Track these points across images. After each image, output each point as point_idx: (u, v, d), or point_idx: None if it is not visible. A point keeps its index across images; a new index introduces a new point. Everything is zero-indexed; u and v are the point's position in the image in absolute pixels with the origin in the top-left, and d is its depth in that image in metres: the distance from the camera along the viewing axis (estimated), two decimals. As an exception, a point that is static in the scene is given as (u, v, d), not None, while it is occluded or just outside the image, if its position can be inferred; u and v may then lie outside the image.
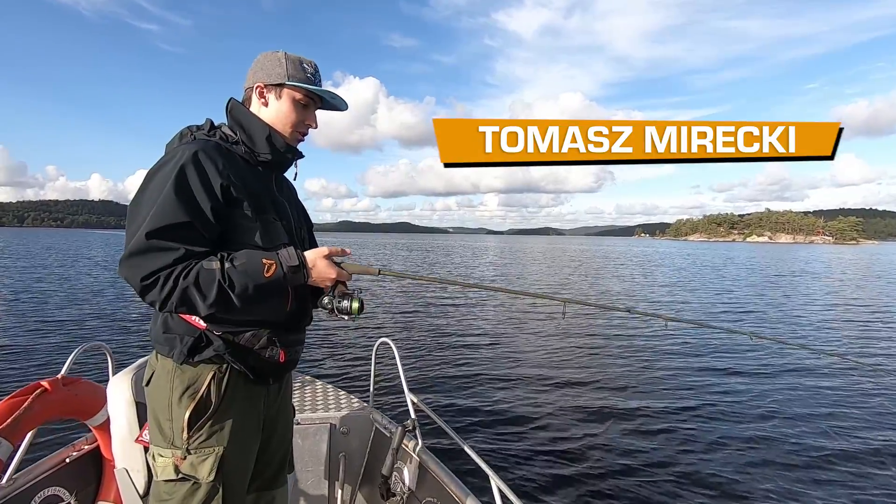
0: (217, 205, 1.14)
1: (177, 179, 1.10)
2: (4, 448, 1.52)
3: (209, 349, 1.17)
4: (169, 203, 1.08)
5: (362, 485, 2.41)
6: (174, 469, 1.17)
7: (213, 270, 1.08)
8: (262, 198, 1.27)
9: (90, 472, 1.97)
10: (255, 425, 1.30)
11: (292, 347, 1.34)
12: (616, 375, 6.56)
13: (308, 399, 2.59)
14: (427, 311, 11.79)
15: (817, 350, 8.61)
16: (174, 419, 1.17)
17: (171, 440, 1.18)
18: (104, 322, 9.24)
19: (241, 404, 1.25)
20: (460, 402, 5.41)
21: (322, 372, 6.36)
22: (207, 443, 1.18)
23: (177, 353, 1.16)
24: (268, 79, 1.29)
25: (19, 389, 1.66)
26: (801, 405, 5.39)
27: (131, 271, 1.06)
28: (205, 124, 1.31)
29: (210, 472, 1.17)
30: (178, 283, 1.06)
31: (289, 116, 1.31)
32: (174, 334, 1.19)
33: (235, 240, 1.19)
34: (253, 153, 1.30)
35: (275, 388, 1.38)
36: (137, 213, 1.10)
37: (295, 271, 1.19)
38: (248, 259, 1.13)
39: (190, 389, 1.18)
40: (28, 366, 6.16)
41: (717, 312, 12.56)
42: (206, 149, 1.18)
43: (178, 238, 1.08)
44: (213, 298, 1.08)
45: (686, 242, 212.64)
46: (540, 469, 3.92)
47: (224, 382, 1.20)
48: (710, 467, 3.92)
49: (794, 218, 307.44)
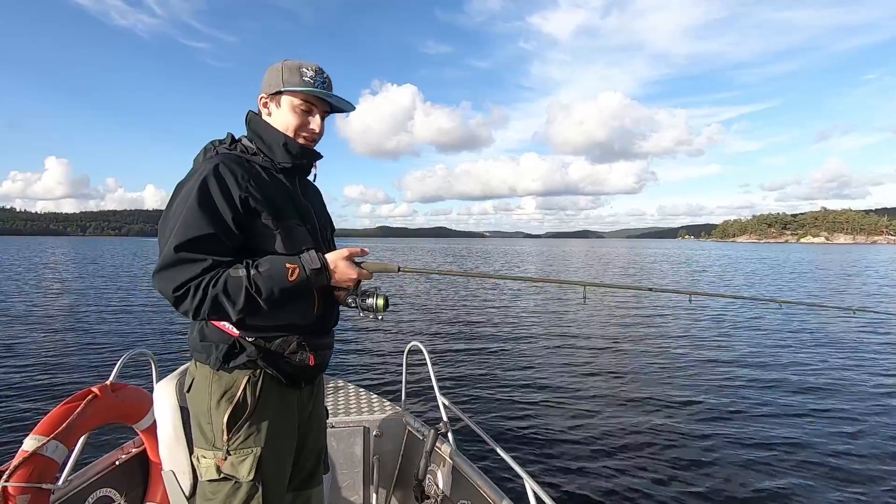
0: (238, 216, 1.18)
1: (199, 193, 1.14)
2: (61, 451, 1.61)
3: (243, 355, 1.22)
4: (193, 216, 1.12)
5: (396, 488, 2.42)
6: (216, 469, 1.22)
7: (240, 277, 1.12)
8: (284, 205, 1.30)
9: (138, 474, 2.07)
10: (291, 427, 1.34)
11: (321, 351, 1.37)
12: (652, 374, 6.38)
13: (342, 403, 2.63)
14: (455, 311, 11.82)
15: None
16: (214, 422, 1.23)
17: (212, 442, 1.23)
18: (147, 330, 9.66)
19: (276, 407, 1.29)
20: (491, 403, 5.39)
21: (354, 376, 6.47)
22: (246, 444, 1.23)
23: (213, 360, 1.22)
24: (268, 89, 1.32)
25: (72, 395, 1.76)
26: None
27: (164, 283, 1.11)
28: (226, 138, 1.35)
29: (249, 471, 1.22)
30: (207, 292, 1.10)
31: (290, 122, 1.32)
32: (210, 342, 1.24)
33: (258, 248, 1.22)
34: (273, 161, 1.34)
35: (307, 391, 1.42)
36: (166, 227, 1.15)
37: (317, 273, 1.22)
38: (272, 264, 1.17)
39: (227, 394, 1.23)
40: (79, 372, 6.51)
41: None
42: (226, 162, 1.22)
43: (204, 249, 1.12)
44: (241, 304, 1.12)
45: (733, 244, 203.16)
46: (575, 470, 3.84)
47: (258, 386, 1.25)
48: (769, 471, 3.72)
49: (854, 217, 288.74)
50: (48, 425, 1.61)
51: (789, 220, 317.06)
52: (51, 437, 1.58)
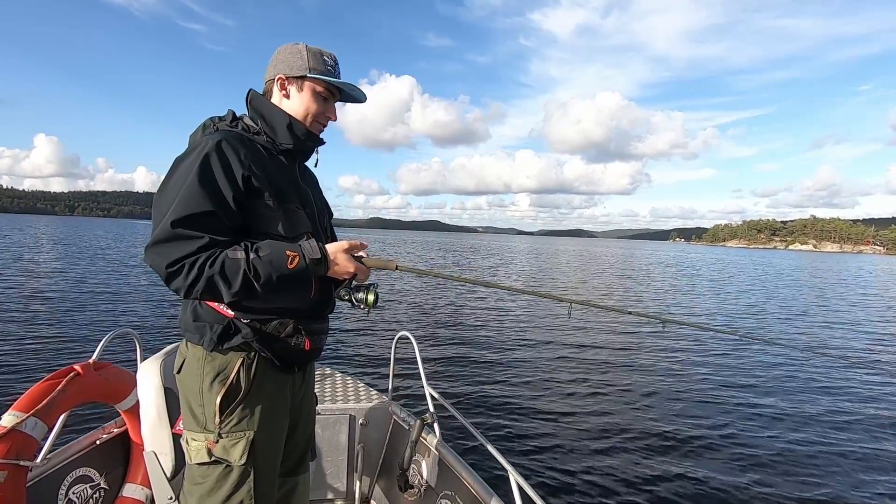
0: (239, 195, 1.16)
1: (201, 169, 1.12)
2: (39, 429, 1.59)
3: (238, 336, 1.20)
4: (193, 192, 1.10)
5: (380, 476, 2.43)
6: (207, 452, 1.20)
7: (239, 260, 1.10)
8: (286, 187, 1.28)
9: (119, 454, 2.05)
10: (284, 411, 1.33)
11: (317, 336, 1.36)
12: (634, 375, 6.41)
13: (328, 390, 2.62)
14: (448, 306, 11.83)
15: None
16: (206, 404, 1.20)
17: (203, 425, 1.21)
18: (133, 309, 9.59)
19: (270, 390, 1.27)
20: (479, 396, 5.42)
21: (342, 364, 6.47)
22: (238, 427, 1.21)
23: (207, 341, 1.19)
24: (289, 71, 1.30)
25: (53, 373, 1.73)
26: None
27: (157, 259, 1.08)
28: (227, 115, 1.33)
29: (242, 455, 1.20)
30: (203, 272, 1.07)
31: (310, 108, 1.32)
32: (204, 322, 1.21)
33: (258, 229, 1.21)
34: (275, 143, 1.32)
35: (299, 376, 1.41)
36: (163, 202, 1.12)
37: (317, 263, 1.20)
38: (273, 250, 1.14)
39: (220, 375, 1.20)
40: (61, 350, 6.45)
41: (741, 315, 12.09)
42: (228, 139, 1.19)
43: (202, 227, 1.10)
44: (237, 287, 1.10)
45: (723, 248, 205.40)
46: (558, 465, 3.89)
47: (253, 369, 1.23)
48: (736, 468, 3.78)
49: (842, 226, 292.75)
50: (28, 402, 1.59)
51: (779, 226, 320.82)
52: (30, 413, 1.56)
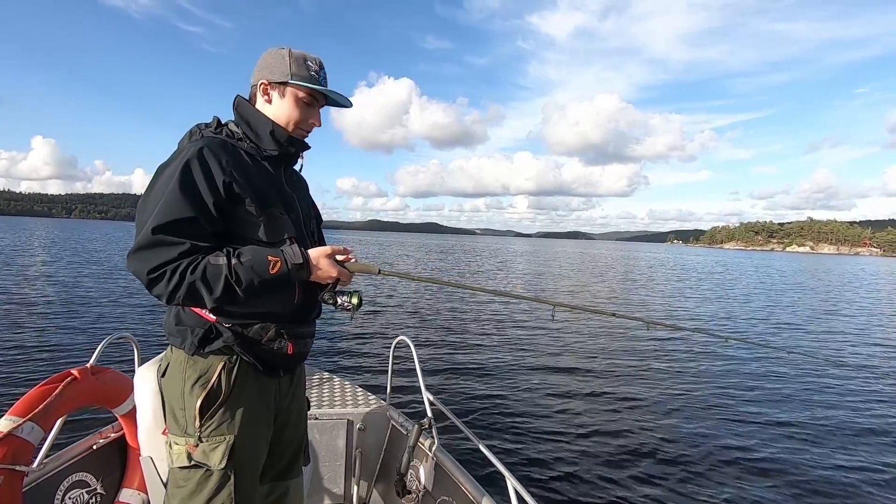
0: (220, 200, 1.17)
1: (182, 176, 1.13)
2: (36, 433, 1.59)
3: (219, 340, 1.20)
4: (174, 199, 1.11)
5: (378, 481, 2.42)
6: (187, 456, 1.20)
7: (220, 266, 1.11)
8: (269, 192, 1.28)
9: (116, 459, 2.04)
10: (266, 415, 1.32)
11: (301, 340, 1.35)
12: (633, 379, 6.41)
13: (326, 395, 2.62)
14: (446, 311, 11.79)
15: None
16: (187, 408, 1.21)
17: (184, 428, 1.21)
18: (131, 313, 9.54)
19: (252, 394, 1.27)
20: (477, 401, 5.41)
21: (340, 368, 6.44)
22: (218, 431, 1.21)
23: (188, 345, 1.20)
24: (272, 76, 1.30)
25: (50, 377, 1.73)
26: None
27: (139, 265, 1.09)
28: (212, 122, 1.33)
29: (221, 459, 1.20)
30: (184, 277, 1.09)
31: (292, 114, 1.32)
32: (185, 326, 1.22)
33: (239, 235, 1.22)
34: (259, 148, 1.32)
35: (286, 380, 1.40)
36: (145, 209, 1.13)
37: (299, 268, 1.21)
38: (254, 255, 1.16)
39: (201, 379, 1.21)
40: (58, 354, 6.42)
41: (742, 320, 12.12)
42: (210, 146, 1.20)
43: (183, 233, 1.11)
44: (219, 293, 1.11)
45: (721, 251, 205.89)
46: (556, 470, 3.88)
47: (234, 373, 1.23)
48: (733, 468, 3.79)
49: (839, 228, 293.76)
50: (24, 406, 1.59)
51: (776, 228, 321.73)
52: (27, 418, 1.55)
